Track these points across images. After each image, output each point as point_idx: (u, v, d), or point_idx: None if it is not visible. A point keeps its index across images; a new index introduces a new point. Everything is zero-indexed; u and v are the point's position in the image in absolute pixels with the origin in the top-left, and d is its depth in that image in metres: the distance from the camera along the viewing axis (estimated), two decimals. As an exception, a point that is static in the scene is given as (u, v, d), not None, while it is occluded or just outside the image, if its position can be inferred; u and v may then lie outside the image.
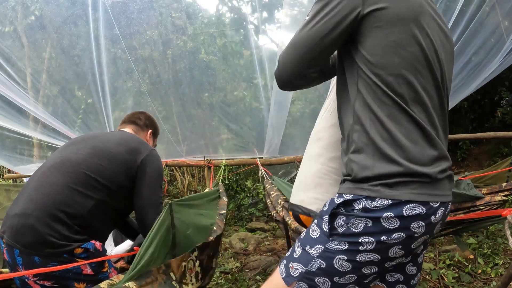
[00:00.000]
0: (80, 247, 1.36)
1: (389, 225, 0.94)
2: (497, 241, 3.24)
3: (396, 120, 0.93)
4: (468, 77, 3.24)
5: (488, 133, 4.45)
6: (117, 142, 1.56)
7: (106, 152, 1.51)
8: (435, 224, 0.97)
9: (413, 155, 0.92)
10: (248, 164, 4.27)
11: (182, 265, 1.40)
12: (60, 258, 1.33)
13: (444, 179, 0.96)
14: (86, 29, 2.74)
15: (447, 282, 2.68)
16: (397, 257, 1.00)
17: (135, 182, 1.54)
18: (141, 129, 1.86)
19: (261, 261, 3.40)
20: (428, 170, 0.92)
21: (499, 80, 5.19)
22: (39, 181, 1.43)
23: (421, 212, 0.93)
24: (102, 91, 2.93)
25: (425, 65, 0.95)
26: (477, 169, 5.58)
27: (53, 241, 1.31)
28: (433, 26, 0.99)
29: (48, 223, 1.32)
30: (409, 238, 0.95)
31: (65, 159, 1.48)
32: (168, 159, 3.76)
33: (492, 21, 2.82)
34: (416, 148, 0.93)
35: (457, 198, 2.65)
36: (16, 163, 3.57)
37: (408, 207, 0.93)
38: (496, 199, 2.49)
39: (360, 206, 0.96)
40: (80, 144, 1.55)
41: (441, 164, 0.95)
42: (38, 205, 1.35)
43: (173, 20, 3.13)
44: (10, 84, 2.67)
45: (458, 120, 6.43)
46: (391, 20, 0.91)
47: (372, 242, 0.96)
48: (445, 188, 0.97)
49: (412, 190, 0.92)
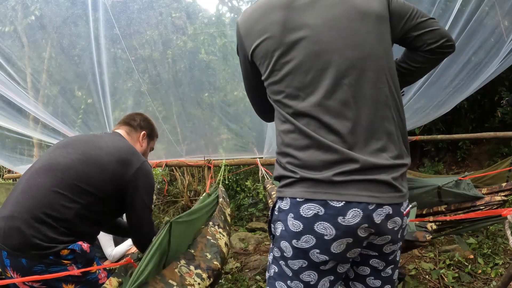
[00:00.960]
0: (66, 248, 1.36)
1: (294, 227, 0.98)
2: (497, 241, 3.24)
3: (286, 132, 1.02)
4: (468, 77, 3.23)
5: (488, 133, 4.45)
6: (108, 151, 1.53)
7: (96, 160, 1.48)
8: (350, 226, 0.94)
9: (300, 162, 0.97)
10: (248, 164, 4.27)
11: (176, 271, 1.41)
12: (46, 260, 1.33)
13: (348, 182, 0.94)
14: (86, 29, 2.74)
15: (447, 282, 2.68)
16: (325, 262, 0.99)
17: (126, 194, 1.52)
18: (134, 130, 1.82)
19: (261, 261, 3.40)
20: (316, 175, 0.95)
21: (499, 80, 5.19)
22: (27, 184, 1.43)
23: (319, 211, 0.95)
24: (102, 91, 2.93)
25: (307, 72, 1.00)
26: (477, 169, 5.58)
27: (38, 243, 1.31)
28: (311, 19, 1.01)
29: (34, 225, 1.33)
30: (321, 241, 0.96)
31: (54, 162, 1.46)
32: (168, 159, 3.76)
33: (492, 20, 2.82)
34: (304, 154, 0.97)
35: (457, 198, 2.66)
36: (16, 163, 3.57)
37: (304, 207, 0.96)
38: (496, 199, 2.49)
39: (277, 207, 1.03)
40: (70, 147, 1.53)
41: (340, 167, 0.94)
42: (25, 208, 1.35)
43: (173, 20, 3.13)
44: (10, 84, 2.67)
45: (458, 120, 6.43)
46: (263, 54, 1.05)
47: (288, 247, 1.00)
48: (354, 189, 0.94)
49: (305, 189, 0.96)
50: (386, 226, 0.99)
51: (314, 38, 0.99)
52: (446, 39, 1.13)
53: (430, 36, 1.12)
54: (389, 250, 1.08)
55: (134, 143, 1.80)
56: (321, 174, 0.94)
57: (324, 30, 0.99)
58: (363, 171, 0.94)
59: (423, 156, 6.99)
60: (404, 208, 1.03)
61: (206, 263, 1.57)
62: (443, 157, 6.78)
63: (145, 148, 1.87)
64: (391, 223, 1.00)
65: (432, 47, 1.13)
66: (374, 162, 0.95)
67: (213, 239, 1.76)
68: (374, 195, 0.95)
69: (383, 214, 0.97)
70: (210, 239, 1.75)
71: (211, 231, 1.83)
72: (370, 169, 0.95)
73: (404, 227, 1.07)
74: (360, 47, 1.00)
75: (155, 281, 1.30)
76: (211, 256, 1.64)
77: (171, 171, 6.02)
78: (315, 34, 0.99)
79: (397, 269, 1.15)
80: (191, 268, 1.49)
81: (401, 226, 1.04)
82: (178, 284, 1.35)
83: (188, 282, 1.40)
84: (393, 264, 1.12)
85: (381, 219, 0.97)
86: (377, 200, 0.95)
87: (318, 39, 0.99)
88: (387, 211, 0.97)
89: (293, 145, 0.99)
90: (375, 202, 0.95)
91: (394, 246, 1.07)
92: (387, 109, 1.01)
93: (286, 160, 1.00)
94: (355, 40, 0.99)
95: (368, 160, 0.94)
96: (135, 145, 1.79)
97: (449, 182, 2.66)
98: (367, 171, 0.95)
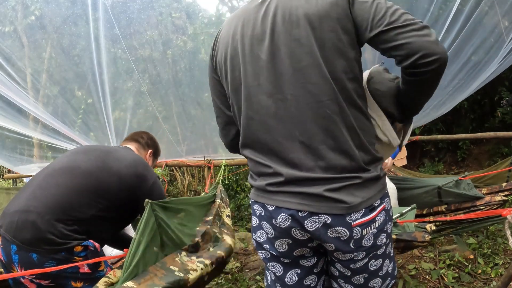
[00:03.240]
0: (80, 245, 1.38)
1: (252, 223, 1.17)
2: (497, 241, 3.23)
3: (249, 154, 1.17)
4: (467, 77, 3.23)
5: (488, 133, 4.45)
6: (127, 164, 1.60)
7: (116, 171, 1.55)
8: (283, 228, 1.05)
9: (252, 174, 1.16)
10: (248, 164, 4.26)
11: (177, 260, 1.41)
12: (58, 256, 1.34)
13: (279, 192, 1.04)
14: (86, 29, 2.74)
15: (447, 282, 2.68)
16: (281, 256, 1.12)
17: (139, 206, 1.57)
18: (143, 148, 1.92)
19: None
20: (255, 182, 1.13)
21: (499, 80, 5.19)
22: (45, 181, 1.46)
23: (261, 212, 1.10)
24: (102, 91, 2.92)
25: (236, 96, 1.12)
26: (477, 169, 5.58)
27: (52, 238, 1.33)
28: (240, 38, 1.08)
29: (50, 222, 1.34)
30: (268, 238, 1.11)
31: (75, 166, 1.52)
32: (168, 159, 3.76)
33: (491, 20, 2.81)
34: (254, 168, 1.13)
35: (457, 198, 2.66)
36: (16, 163, 3.56)
37: (255, 207, 1.13)
38: (496, 199, 2.50)
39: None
40: (91, 155, 1.59)
41: (271, 179, 1.06)
42: (42, 203, 1.37)
43: (173, 20, 3.13)
44: (10, 84, 2.67)
45: (458, 120, 6.43)
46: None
47: (253, 240, 1.19)
48: (283, 196, 1.03)
49: (255, 192, 1.13)
50: (326, 234, 1.00)
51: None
52: (419, 54, 0.87)
53: (398, 51, 0.92)
54: (344, 258, 1.06)
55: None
56: (259, 182, 1.10)
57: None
58: (290, 184, 1.02)
59: (423, 156, 6.98)
60: (354, 219, 0.98)
61: (210, 254, 1.57)
62: (443, 157, 6.78)
63: (151, 165, 1.95)
64: (332, 233, 1.00)
65: (402, 65, 0.94)
66: (298, 175, 1.00)
67: (219, 234, 1.75)
68: (305, 203, 0.99)
69: (319, 223, 0.99)
70: (215, 233, 1.74)
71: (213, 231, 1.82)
72: (297, 181, 1.01)
73: (361, 237, 1.01)
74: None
75: (155, 268, 1.29)
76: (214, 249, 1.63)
77: (171, 171, 6.02)
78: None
79: (378, 278, 1.11)
80: (192, 258, 1.49)
81: (350, 236, 0.99)
82: (180, 269, 1.35)
83: (190, 267, 1.40)
84: (364, 274, 1.08)
85: (316, 227, 1.00)
86: (309, 208, 0.99)
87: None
88: (324, 220, 0.99)
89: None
90: (306, 210, 0.99)
91: (348, 255, 1.04)
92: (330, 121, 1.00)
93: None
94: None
95: (292, 173, 1.01)
96: None
97: (449, 182, 2.66)
98: (294, 183, 1.01)
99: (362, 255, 1.04)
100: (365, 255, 1.05)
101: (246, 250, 3.89)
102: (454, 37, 2.79)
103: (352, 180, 0.98)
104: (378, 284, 1.12)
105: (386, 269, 1.12)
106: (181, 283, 1.30)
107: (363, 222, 1.00)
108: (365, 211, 0.99)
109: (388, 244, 1.10)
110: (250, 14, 1.08)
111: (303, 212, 1.00)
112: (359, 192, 0.99)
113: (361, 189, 1.00)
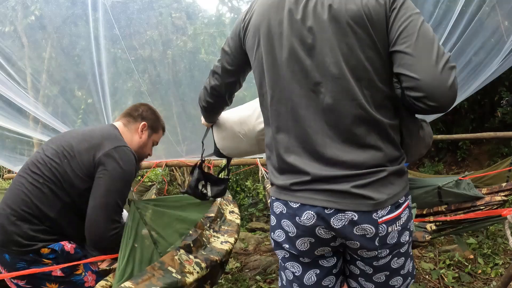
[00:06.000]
0: (47, 247, 1.36)
1: (271, 222, 1.16)
2: (497, 241, 3.24)
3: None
4: (468, 77, 3.23)
5: (488, 133, 4.45)
6: (82, 138, 1.45)
7: (68, 150, 1.42)
8: (306, 226, 1.03)
9: (273, 171, 1.13)
10: (248, 164, 4.27)
11: (176, 259, 1.41)
12: (27, 257, 1.35)
13: (302, 190, 1.03)
14: (86, 29, 2.74)
15: (447, 282, 2.68)
16: (301, 255, 1.10)
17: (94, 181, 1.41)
18: (134, 121, 1.69)
19: (261, 261, 3.40)
20: (278, 181, 1.09)
21: (499, 80, 5.19)
22: (14, 183, 1.46)
23: (282, 210, 1.08)
24: (102, 91, 2.92)
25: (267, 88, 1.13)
26: (477, 169, 5.58)
27: (18, 240, 1.33)
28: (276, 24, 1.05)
29: (15, 222, 1.35)
30: (288, 237, 1.09)
31: (35, 159, 1.46)
32: (168, 159, 3.76)
33: (492, 21, 2.81)
34: (276, 164, 1.10)
35: (457, 198, 2.65)
36: (16, 163, 3.56)
37: (275, 205, 1.10)
38: (496, 199, 2.49)
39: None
40: (51, 143, 1.50)
41: (293, 178, 1.05)
42: (8, 205, 1.38)
43: (173, 20, 3.13)
44: (10, 84, 2.67)
45: (458, 120, 6.43)
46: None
47: (271, 239, 1.17)
48: (309, 193, 1.02)
49: (276, 189, 1.11)
50: (352, 232, 1.00)
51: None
52: (423, 94, 0.91)
53: (403, 78, 0.95)
54: (368, 256, 1.06)
55: (132, 134, 1.67)
56: (283, 182, 1.07)
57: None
58: (316, 182, 1.01)
59: (423, 156, 6.98)
60: (380, 216, 0.99)
61: (204, 256, 1.58)
62: (443, 157, 6.78)
63: (145, 140, 1.72)
64: (358, 230, 1.00)
65: (405, 93, 0.96)
66: (325, 174, 1.00)
67: (207, 242, 1.74)
68: (332, 200, 0.99)
69: (345, 220, 0.99)
70: (205, 241, 1.74)
71: (205, 234, 1.82)
72: (323, 179, 1.00)
73: (386, 235, 1.01)
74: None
75: (153, 268, 1.30)
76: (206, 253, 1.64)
77: (171, 171, 6.02)
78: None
79: (399, 277, 1.11)
80: (190, 257, 1.50)
81: (375, 233, 1.00)
82: (178, 271, 1.35)
83: (187, 270, 1.40)
84: (386, 271, 1.08)
85: (342, 224, 0.99)
86: (336, 205, 0.98)
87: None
88: (350, 217, 0.98)
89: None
90: (333, 207, 0.99)
91: (372, 252, 1.04)
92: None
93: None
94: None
95: (319, 172, 1.00)
96: (132, 136, 1.67)
97: (449, 182, 2.66)
98: (321, 181, 1.00)
99: (386, 253, 1.04)
100: (389, 252, 1.05)
101: (246, 250, 3.89)
102: (456, 39, 2.79)
103: (377, 175, 0.98)
104: (399, 283, 1.12)
105: (407, 267, 1.12)
106: (179, 285, 1.31)
107: (389, 219, 1.00)
108: (391, 208, 1.00)
109: (410, 242, 1.11)
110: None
111: (329, 209, 0.99)
112: (385, 188, 1.00)
113: (387, 185, 1.00)
